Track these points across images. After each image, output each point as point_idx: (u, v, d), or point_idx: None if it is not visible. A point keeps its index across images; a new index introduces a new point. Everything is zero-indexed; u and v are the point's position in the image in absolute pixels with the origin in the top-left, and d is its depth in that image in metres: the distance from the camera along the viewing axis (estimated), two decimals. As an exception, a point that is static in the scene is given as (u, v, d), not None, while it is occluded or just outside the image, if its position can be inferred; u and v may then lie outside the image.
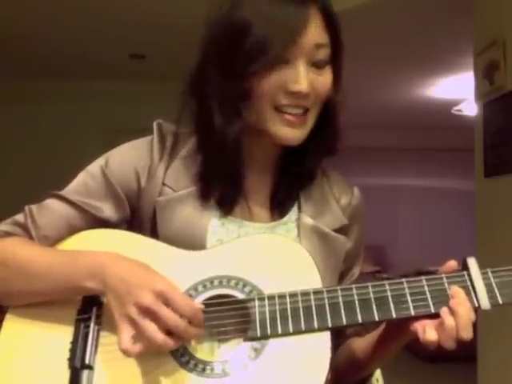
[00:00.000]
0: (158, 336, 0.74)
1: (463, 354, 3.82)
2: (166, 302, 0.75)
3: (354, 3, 3.32)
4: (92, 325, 0.83)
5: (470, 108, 4.98)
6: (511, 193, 2.66)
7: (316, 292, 0.83)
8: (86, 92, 5.50)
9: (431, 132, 7.11)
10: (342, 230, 0.97)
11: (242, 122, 0.88)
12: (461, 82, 5.05)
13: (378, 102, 6.09)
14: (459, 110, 5.46)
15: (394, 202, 7.82)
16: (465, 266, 0.85)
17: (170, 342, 0.74)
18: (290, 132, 0.88)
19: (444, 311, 0.79)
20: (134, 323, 0.75)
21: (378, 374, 1.07)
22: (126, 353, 0.74)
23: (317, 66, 0.87)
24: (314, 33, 0.85)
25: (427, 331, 0.79)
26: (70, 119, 5.57)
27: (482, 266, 0.85)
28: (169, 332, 0.75)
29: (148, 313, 0.74)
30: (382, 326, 0.91)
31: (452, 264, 0.85)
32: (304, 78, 0.85)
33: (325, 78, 0.89)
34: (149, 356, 0.77)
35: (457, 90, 5.36)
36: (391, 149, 7.64)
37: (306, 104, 0.88)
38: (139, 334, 0.74)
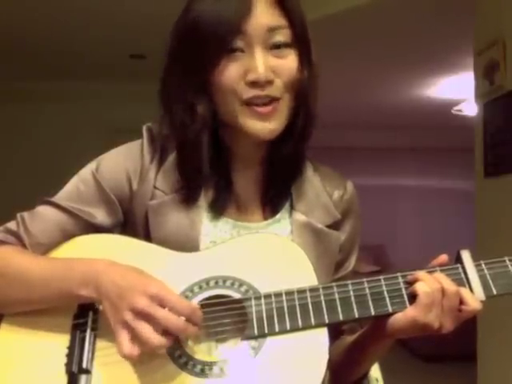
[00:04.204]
0: (154, 337, 0.73)
1: (462, 354, 3.83)
2: (162, 304, 0.75)
3: (354, 3, 3.32)
4: (88, 329, 0.83)
5: (470, 108, 4.97)
6: (511, 193, 2.67)
7: (312, 289, 0.83)
8: (85, 92, 5.50)
9: (431, 132, 7.11)
10: (335, 226, 0.97)
11: (202, 123, 0.88)
12: (461, 82, 5.04)
13: (378, 101, 6.09)
14: (459, 110, 5.46)
15: (394, 202, 7.81)
16: (459, 259, 0.86)
17: (166, 343, 0.74)
18: (262, 125, 0.87)
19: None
20: (129, 328, 0.74)
21: (377, 373, 1.07)
22: (126, 358, 0.74)
23: (277, 49, 0.86)
24: (265, 16, 0.84)
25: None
26: (69, 119, 5.57)
27: (482, 265, 0.86)
28: (166, 333, 0.75)
29: (143, 316, 0.74)
30: (369, 324, 0.91)
31: (444, 258, 0.86)
32: (260, 64, 0.84)
33: (287, 62, 0.87)
34: (147, 358, 0.76)
35: (457, 90, 5.36)
36: (391, 149, 7.64)
37: (272, 93, 0.86)
38: (136, 338, 0.74)
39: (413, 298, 0.82)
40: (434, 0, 3.34)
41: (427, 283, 0.82)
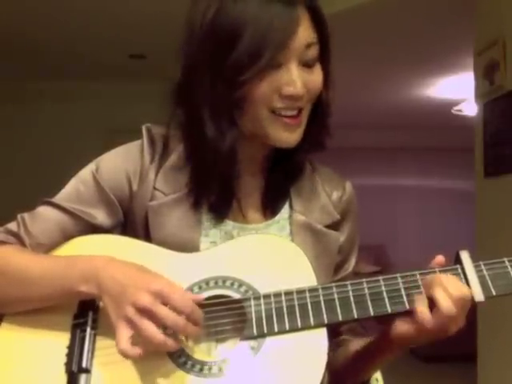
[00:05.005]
0: (158, 335, 0.73)
1: (462, 354, 3.83)
2: (164, 301, 0.75)
3: (354, 3, 3.32)
4: (88, 329, 0.83)
5: (470, 108, 4.97)
6: (511, 193, 2.67)
7: (311, 290, 0.83)
8: (86, 92, 5.50)
9: (431, 132, 7.11)
10: (334, 226, 0.97)
11: (236, 132, 0.86)
12: (461, 82, 5.04)
13: (379, 102, 6.09)
14: (459, 110, 5.46)
15: (395, 202, 7.81)
16: (458, 260, 0.86)
17: (169, 342, 0.74)
18: (290, 136, 0.88)
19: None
20: (131, 324, 0.74)
21: (377, 374, 1.07)
22: (124, 354, 0.74)
23: (307, 64, 0.86)
24: (304, 33, 0.84)
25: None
26: (70, 119, 5.57)
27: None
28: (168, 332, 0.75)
29: (145, 313, 0.74)
30: (376, 334, 0.90)
31: (440, 259, 0.86)
32: (298, 80, 0.84)
33: (316, 76, 0.88)
34: (146, 358, 0.76)
35: (457, 90, 5.36)
36: (391, 149, 7.64)
37: (301, 105, 0.87)
38: (138, 335, 0.74)
39: (412, 301, 0.82)
40: (435, 0, 3.34)
41: (449, 305, 0.79)
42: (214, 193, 0.91)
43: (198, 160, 0.90)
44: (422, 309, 0.80)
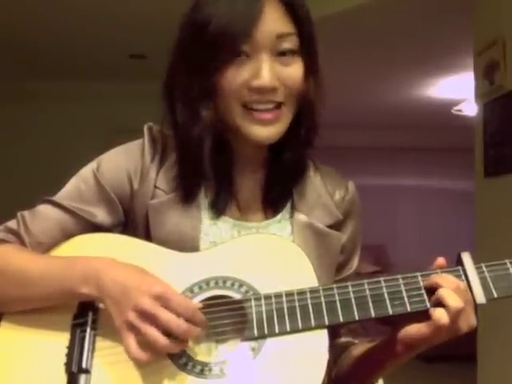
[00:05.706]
0: (161, 339, 0.74)
1: (462, 354, 3.82)
2: (165, 304, 0.75)
3: (354, 3, 3.32)
4: (88, 329, 0.83)
5: (470, 108, 4.97)
6: (511, 193, 2.66)
7: (312, 291, 0.83)
8: (86, 92, 5.50)
9: (431, 132, 7.10)
10: (336, 226, 0.97)
11: (205, 122, 0.87)
12: (461, 82, 5.04)
13: (378, 102, 6.08)
14: (459, 110, 5.46)
15: (394, 202, 7.81)
16: (459, 262, 0.85)
17: (172, 345, 0.75)
18: (263, 130, 0.87)
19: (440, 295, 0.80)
20: (135, 329, 0.75)
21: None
22: (136, 359, 0.75)
23: (284, 57, 0.85)
24: (274, 23, 0.84)
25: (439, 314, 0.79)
26: (70, 119, 5.57)
27: (482, 265, 0.85)
28: (169, 334, 0.75)
29: (147, 317, 0.74)
30: (384, 339, 0.90)
31: (441, 261, 0.86)
32: (266, 71, 0.84)
33: (293, 69, 0.87)
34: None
35: (457, 90, 5.36)
36: (391, 149, 7.63)
37: (276, 98, 0.86)
38: (143, 339, 0.74)
39: (417, 302, 0.81)
40: (434, 1, 3.34)
41: (455, 299, 0.79)
42: (211, 187, 0.92)
43: (178, 151, 0.92)
44: (437, 309, 0.79)
